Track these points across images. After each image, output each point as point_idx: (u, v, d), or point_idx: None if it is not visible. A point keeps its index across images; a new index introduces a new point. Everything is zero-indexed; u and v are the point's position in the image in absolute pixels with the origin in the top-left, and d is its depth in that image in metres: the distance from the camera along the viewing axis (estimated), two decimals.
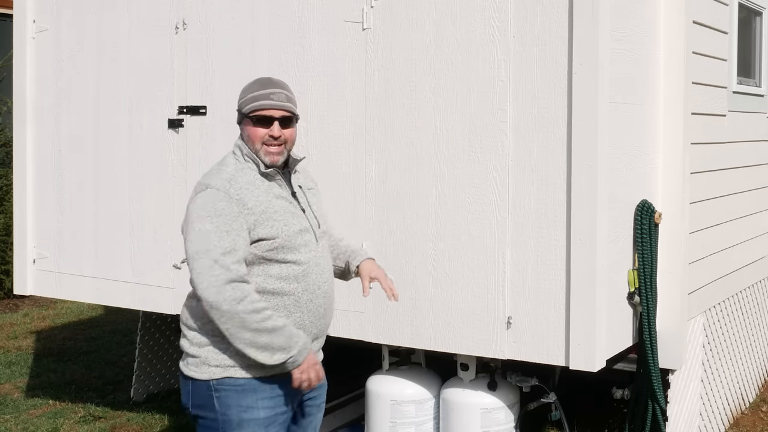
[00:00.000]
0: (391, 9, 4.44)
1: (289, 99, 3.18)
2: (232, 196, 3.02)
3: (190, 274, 3.03)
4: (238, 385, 3.06)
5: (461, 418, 4.57)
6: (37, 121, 5.72)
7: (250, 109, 3.13)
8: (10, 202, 9.13)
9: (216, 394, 3.07)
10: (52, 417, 5.92)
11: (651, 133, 4.54)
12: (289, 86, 3.27)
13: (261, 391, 3.07)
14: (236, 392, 3.05)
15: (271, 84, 3.19)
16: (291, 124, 3.19)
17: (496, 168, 4.20)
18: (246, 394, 3.06)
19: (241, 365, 3.05)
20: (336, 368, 3.45)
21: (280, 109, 3.14)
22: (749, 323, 6.07)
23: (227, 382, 3.06)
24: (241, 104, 3.19)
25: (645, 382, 4.55)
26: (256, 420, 3.07)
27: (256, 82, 3.21)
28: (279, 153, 3.15)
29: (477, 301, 4.26)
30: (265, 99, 3.12)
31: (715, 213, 5.19)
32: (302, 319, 3.12)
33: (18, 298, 9.49)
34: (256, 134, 3.12)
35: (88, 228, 5.51)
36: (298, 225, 3.13)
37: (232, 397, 3.05)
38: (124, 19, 5.31)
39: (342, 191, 4.60)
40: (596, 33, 3.95)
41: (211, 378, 3.08)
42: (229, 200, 3.01)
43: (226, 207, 3.00)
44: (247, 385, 3.06)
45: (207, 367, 3.09)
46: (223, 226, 2.98)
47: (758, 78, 6.03)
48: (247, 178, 3.09)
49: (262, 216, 3.04)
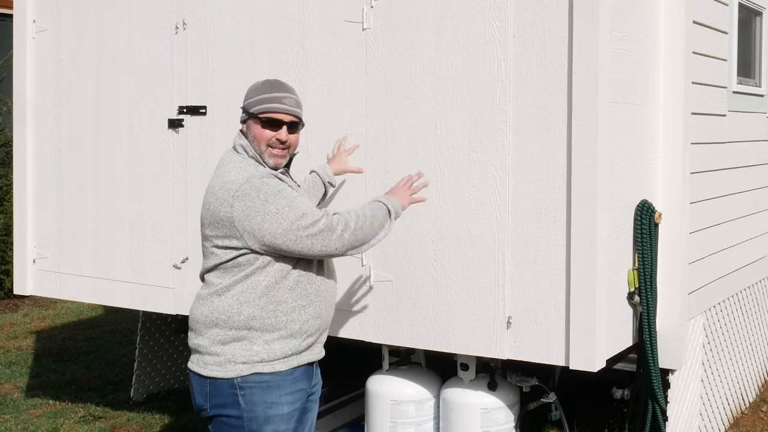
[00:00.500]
0: (391, 9, 4.44)
1: (298, 104, 3.30)
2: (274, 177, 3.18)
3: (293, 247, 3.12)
4: (264, 382, 3.12)
5: (461, 418, 4.57)
6: (37, 121, 5.72)
7: (260, 110, 3.20)
8: (10, 202, 9.14)
9: (241, 392, 3.12)
10: (52, 417, 5.92)
11: (651, 133, 4.54)
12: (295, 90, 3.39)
13: (283, 387, 3.16)
14: (261, 389, 3.12)
15: (283, 88, 3.28)
16: (297, 130, 3.30)
17: (496, 168, 4.20)
18: (271, 390, 3.13)
19: (267, 359, 3.14)
20: (336, 368, 3.47)
21: (290, 114, 3.23)
22: (749, 323, 6.07)
23: (252, 380, 3.12)
24: (250, 104, 3.23)
25: (645, 382, 4.55)
26: (280, 416, 3.14)
27: (266, 84, 3.28)
28: (282, 156, 3.25)
29: (477, 301, 4.26)
30: (277, 102, 3.20)
31: (715, 213, 5.19)
32: (320, 308, 3.24)
33: (18, 298, 9.49)
34: (263, 135, 3.20)
35: (88, 228, 5.51)
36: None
37: (258, 393, 3.11)
38: (124, 19, 5.31)
39: (342, 191, 4.60)
40: (596, 33, 3.95)
41: (238, 375, 3.12)
42: (278, 180, 3.17)
43: (279, 183, 3.14)
44: (272, 381, 3.14)
45: (233, 365, 3.13)
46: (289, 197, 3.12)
47: (758, 78, 6.03)
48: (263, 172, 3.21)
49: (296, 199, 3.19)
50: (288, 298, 3.17)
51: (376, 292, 4.53)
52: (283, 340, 3.17)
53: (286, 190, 3.15)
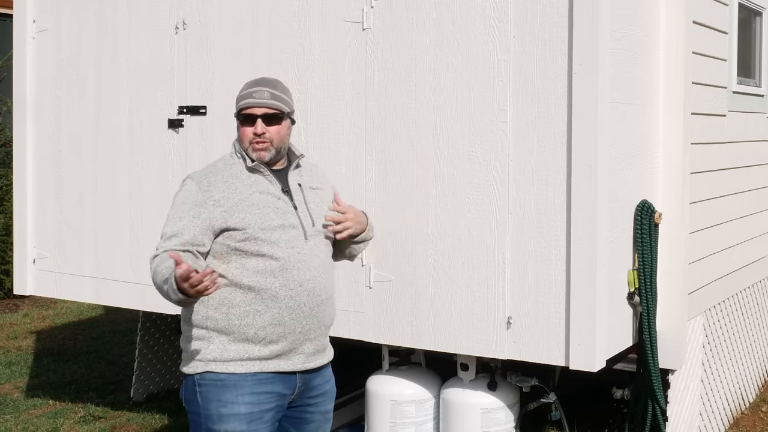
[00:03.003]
0: (391, 9, 4.44)
1: (274, 96, 3.18)
2: (201, 187, 3.12)
3: None
4: (219, 380, 3.09)
5: (461, 418, 4.57)
6: (37, 121, 5.72)
7: (237, 108, 3.20)
8: (10, 202, 9.13)
9: (198, 389, 3.12)
10: (52, 417, 5.92)
11: (651, 133, 4.54)
12: (283, 84, 3.27)
13: (242, 387, 3.08)
14: (216, 387, 3.09)
15: (260, 82, 3.22)
16: (277, 121, 3.19)
17: (496, 168, 4.20)
18: (226, 389, 3.08)
19: (220, 359, 3.10)
20: (336, 368, 3.44)
21: (262, 107, 3.15)
22: (749, 323, 6.07)
23: (208, 377, 3.10)
24: (235, 104, 3.24)
25: (645, 382, 4.55)
26: (236, 415, 3.07)
27: (248, 82, 3.26)
28: (264, 149, 3.17)
29: (477, 301, 4.26)
30: (248, 98, 3.17)
31: (715, 213, 5.18)
32: (281, 315, 3.10)
33: (18, 298, 9.49)
34: (244, 133, 3.18)
35: (88, 228, 5.51)
36: (278, 220, 3.14)
37: (213, 392, 3.08)
38: (124, 19, 5.31)
39: (342, 191, 4.59)
40: (596, 33, 3.95)
41: (195, 372, 3.13)
42: (196, 191, 3.12)
43: (190, 196, 3.12)
44: (228, 381, 3.08)
45: (193, 362, 3.14)
46: (180, 212, 3.10)
47: (758, 78, 6.03)
48: (231, 172, 3.18)
49: (233, 207, 3.10)
50: (241, 302, 3.09)
51: (376, 292, 4.53)
52: (239, 344, 3.10)
53: (187, 205, 3.10)
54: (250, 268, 3.09)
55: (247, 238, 3.09)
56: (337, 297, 3.54)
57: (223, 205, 3.10)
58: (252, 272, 3.09)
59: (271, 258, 3.10)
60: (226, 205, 3.10)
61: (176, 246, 3.04)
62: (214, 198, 3.10)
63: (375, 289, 4.53)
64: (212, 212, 3.09)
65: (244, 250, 3.09)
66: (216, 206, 3.09)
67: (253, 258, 3.09)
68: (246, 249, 3.09)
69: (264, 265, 3.09)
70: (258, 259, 3.09)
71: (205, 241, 3.09)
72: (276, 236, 3.11)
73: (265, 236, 3.10)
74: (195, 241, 3.06)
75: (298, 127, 4.70)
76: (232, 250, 3.10)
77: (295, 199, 3.21)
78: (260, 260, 3.09)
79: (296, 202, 3.21)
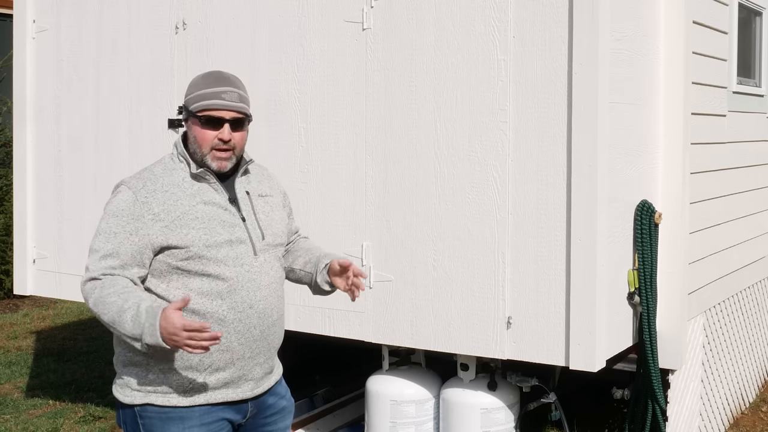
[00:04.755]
0: (391, 9, 4.44)
1: (242, 98, 2.86)
2: (138, 198, 2.77)
3: None
4: (163, 413, 2.78)
5: (461, 418, 4.57)
6: (37, 121, 5.72)
7: (198, 108, 2.82)
8: (10, 202, 9.13)
9: (141, 421, 2.82)
10: (52, 417, 5.92)
11: (651, 133, 4.54)
12: (242, 83, 2.93)
13: (189, 419, 2.79)
14: (161, 420, 2.78)
15: (224, 81, 2.86)
16: (242, 127, 2.86)
17: (496, 168, 4.20)
18: (171, 422, 2.78)
19: (162, 392, 2.79)
20: (336, 368, 3.43)
21: (231, 111, 2.82)
22: (749, 323, 6.07)
23: (150, 410, 2.80)
24: (189, 100, 2.87)
25: (645, 382, 4.55)
26: None
27: (206, 76, 2.89)
28: (227, 159, 2.84)
29: (477, 301, 4.26)
30: (216, 98, 2.80)
31: (715, 213, 5.19)
32: (229, 340, 2.79)
33: (18, 298, 9.49)
34: (204, 137, 2.81)
35: (88, 228, 5.50)
36: (226, 235, 2.81)
37: (157, 425, 2.78)
38: (124, 19, 5.31)
39: (342, 191, 4.60)
40: (596, 33, 3.95)
41: (134, 403, 2.82)
42: (133, 202, 2.77)
43: (126, 209, 2.76)
44: (173, 413, 2.78)
45: (129, 390, 2.83)
46: (114, 227, 2.76)
47: (758, 78, 6.03)
48: (172, 180, 2.82)
49: (175, 222, 2.76)
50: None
51: (376, 292, 4.53)
52: (182, 372, 2.77)
53: (121, 218, 2.75)
54: (194, 289, 2.76)
55: (191, 257, 2.75)
56: (338, 297, 3.52)
57: (163, 219, 2.75)
58: (196, 294, 2.75)
59: (217, 278, 2.78)
60: (167, 219, 2.76)
61: (114, 269, 2.72)
62: (154, 212, 2.75)
63: (375, 289, 4.53)
64: (151, 228, 2.75)
65: (188, 269, 2.76)
66: (155, 221, 2.75)
67: (197, 278, 2.77)
68: (189, 268, 2.76)
69: (210, 285, 2.77)
70: (203, 280, 2.77)
71: (145, 261, 2.76)
72: (223, 254, 2.78)
73: (210, 254, 2.77)
74: (134, 261, 2.74)
75: (298, 127, 4.71)
76: (173, 269, 2.77)
77: (243, 210, 2.89)
78: (205, 280, 2.77)
79: (244, 213, 2.89)
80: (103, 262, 2.75)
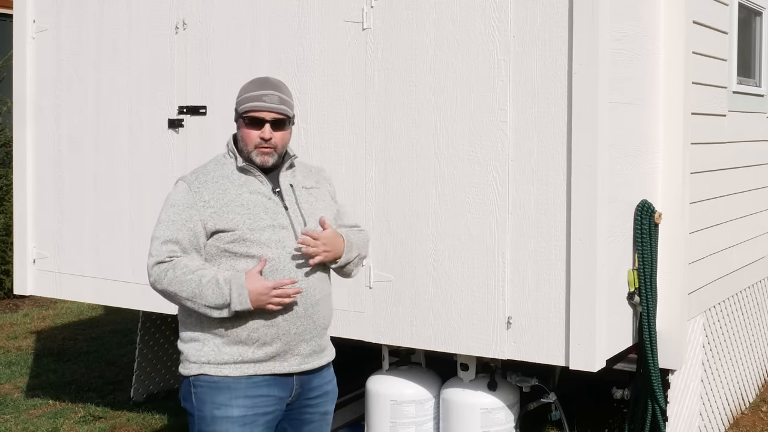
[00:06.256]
0: (391, 9, 4.44)
1: (283, 101, 3.16)
2: (192, 188, 3.13)
3: None
4: (213, 383, 3.08)
5: (461, 418, 4.57)
6: (37, 121, 5.72)
7: (243, 110, 3.16)
8: (10, 202, 9.13)
9: (194, 390, 3.12)
10: (52, 417, 5.92)
11: (651, 133, 4.54)
12: (287, 87, 3.25)
13: (236, 390, 3.08)
14: (210, 389, 3.09)
15: (267, 85, 3.18)
16: (284, 127, 3.17)
17: (496, 168, 4.20)
18: (220, 391, 3.08)
19: (214, 362, 3.09)
20: (336, 368, 3.43)
21: (272, 112, 3.13)
22: (749, 323, 6.07)
23: (203, 379, 3.10)
24: (237, 103, 3.21)
25: (645, 382, 4.55)
26: (229, 418, 3.07)
27: (253, 82, 3.21)
28: (268, 155, 3.15)
29: (477, 301, 4.26)
30: (258, 101, 3.12)
31: (715, 213, 5.19)
32: (273, 316, 3.07)
33: (18, 298, 9.49)
34: (248, 136, 3.15)
35: (88, 228, 5.51)
36: (268, 220, 3.11)
37: (207, 393, 3.08)
38: (124, 19, 5.31)
39: (342, 191, 4.59)
40: (596, 33, 3.95)
41: (190, 374, 3.13)
42: (187, 192, 3.13)
43: (182, 198, 3.12)
44: (222, 383, 3.08)
45: (188, 363, 3.15)
46: (172, 215, 3.11)
47: (758, 78, 6.03)
48: (222, 172, 3.17)
49: (224, 208, 3.09)
50: None
51: (376, 292, 4.53)
52: (233, 346, 3.08)
53: (177, 207, 3.11)
54: (240, 269, 3.06)
55: (236, 240, 3.07)
56: (337, 297, 3.53)
57: (213, 206, 3.09)
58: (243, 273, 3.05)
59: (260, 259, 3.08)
60: (216, 206, 3.09)
61: (175, 252, 3.06)
62: (204, 199, 3.10)
63: (375, 289, 4.53)
64: (202, 214, 3.08)
65: (234, 251, 3.08)
66: (206, 207, 3.09)
67: (243, 259, 3.07)
68: (235, 250, 3.07)
69: (253, 265, 3.06)
70: (248, 261, 3.07)
71: (200, 245, 3.10)
72: (266, 237, 3.09)
73: (254, 237, 3.07)
74: (191, 245, 3.08)
75: (298, 127, 4.70)
76: (221, 252, 3.08)
77: (286, 200, 3.18)
78: (250, 262, 3.07)
79: (287, 202, 3.17)
80: (164, 246, 3.08)
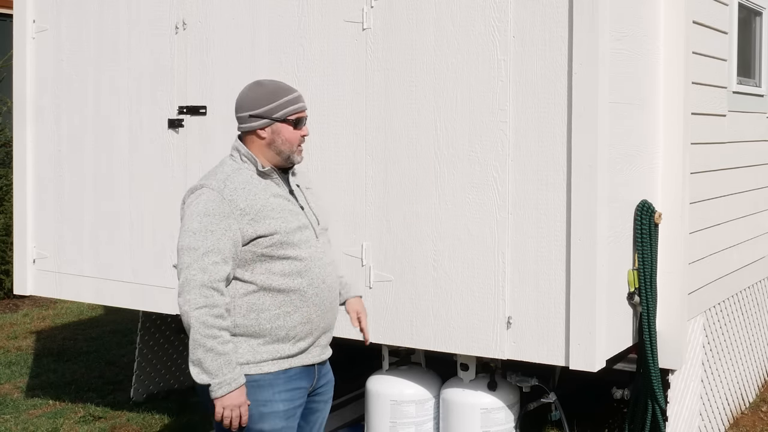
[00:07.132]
0: (391, 9, 4.44)
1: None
2: (225, 196, 3.08)
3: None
4: (254, 381, 3.12)
5: (461, 418, 4.57)
6: (37, 121, 5.72)
7: (290, 112, 3.22)
8: (10, 202, 9.13)
9: None
10: (52, 417, 5.92)
11: (651, 133, 4.54)
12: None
13: (277, 385, 3.15)
14: (253, 388, 3.12)
15: (291, 87, 3.31)
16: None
17: (496, 168, 4.20)
18: (263, 389, 3.13)
19: (254, 361, 3.13)
20: (336, 368, 3.45)
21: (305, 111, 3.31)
22: (749, 323, 6.07)
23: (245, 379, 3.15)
24: (272, 109, 3.20)
25: (645, 382, 4.55)
26: (275, 413, 3.14)
27: (277, 87, 3.25)
28: (302, 151, 3.30)
29: (477, 301, 4.26)
30: (300, 101, 3.26)
31: (715, 213, 5.19)
32: (309, 313, 3.19)
33: (18, 298, 9.49)
34: (295, 136, 3.24)
35: (88, 228, 5.51)
36: (296, 222, 3.18)
37: (250, 393, 3.11)
38: (124, 19, 5.31)
39: (342, 191, 4.60)
40: (596, 33, 3.95)
41: None
42: (220, 201, 3.08)
43: (216, 207, 3.07)
44: (263, 381, 3.13)
45: None
46: (209, 225, 3.05)
47: (758, 78, 6.03)
48: (243, 178, 3.15)
49: (258, 214, 3.10)
50: (270, 306, 3.13)
51: (376, 292, 4.53)
52: (270, 345, 3.15)
53: (214, 216, 3.05)
54: (276, 271, 3.13)
55: (275, 243, 3.11)
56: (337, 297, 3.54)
57: (249, 213, 3.10)
58: (279, 275, 3.13)
59: (295, 259, 3.15)
60: (252, 212, 3.10)
61: (218, 262, 3.03)
62: (240, 207, 3.09)
63: (375, 289, 4.53)
64: (240, 222, 3.08)
65: (271, 255, 3.12)
66: (243, 215, 3.09)
67: (279, 261, 3.13)
68: (273, 254, 3.12)
69: (290, 267, 3.15)
70: (284, 262, 3.14)
71: (237, 254, 3.10)
72: (297, 237, 3.17)
73: (290, 239, 3.15)
74: (230, 255, 3.07)
75: None
76: (258, 257, 3.12)
77: (300, 200, 3.28)
78: (286, 263, 3.14)
79: (301, 202, 3.27)
80: (206, 258, 3.03)
